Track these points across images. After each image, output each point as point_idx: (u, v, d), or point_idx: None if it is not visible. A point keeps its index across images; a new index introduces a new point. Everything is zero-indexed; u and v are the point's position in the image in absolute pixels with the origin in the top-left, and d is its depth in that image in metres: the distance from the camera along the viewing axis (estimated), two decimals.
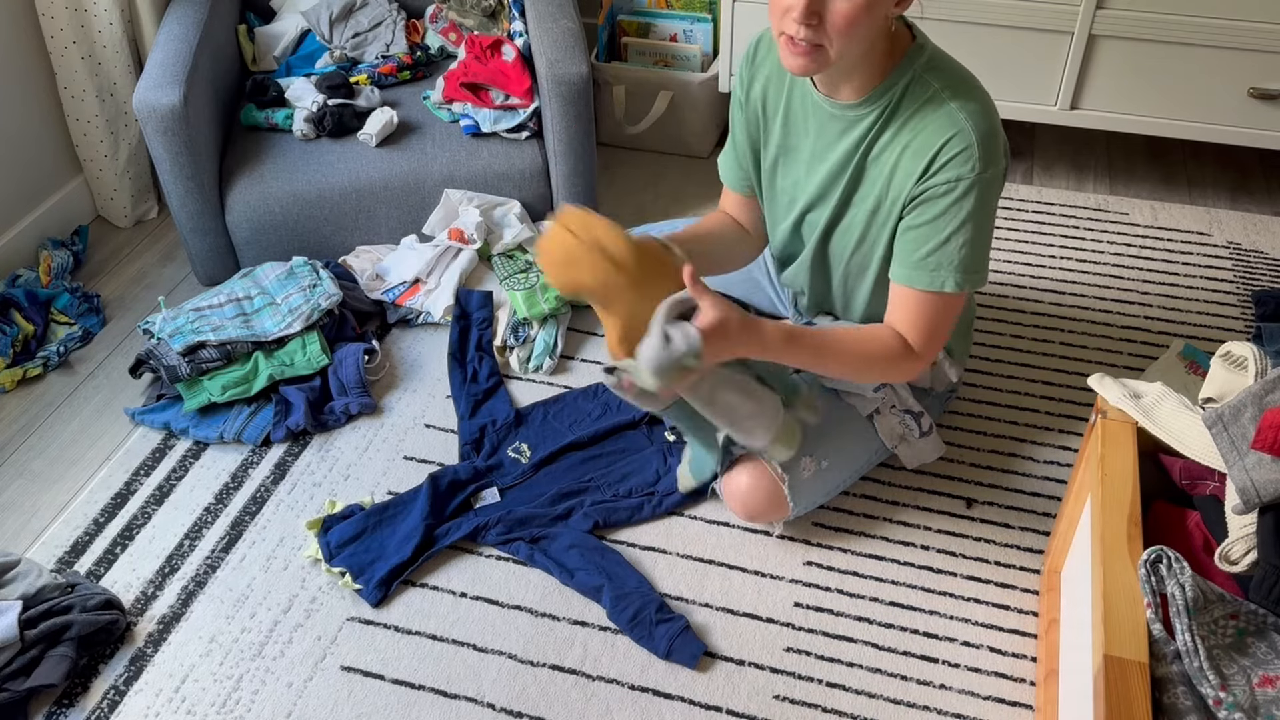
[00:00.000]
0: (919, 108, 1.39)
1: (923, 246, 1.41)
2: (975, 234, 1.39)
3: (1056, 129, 2.67)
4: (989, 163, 1.36)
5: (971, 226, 1.39)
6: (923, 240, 1.41)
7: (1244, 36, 2.15)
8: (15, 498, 1.81)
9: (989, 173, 1.37)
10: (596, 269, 1.31)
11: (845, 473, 1.67)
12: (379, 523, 1.69)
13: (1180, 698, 1.05)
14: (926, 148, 1.38)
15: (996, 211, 1.43)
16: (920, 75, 1.40)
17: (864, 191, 1.48)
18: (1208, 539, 1.27)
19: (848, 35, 1.30)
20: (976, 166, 1.36)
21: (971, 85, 1.40)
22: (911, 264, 1.43)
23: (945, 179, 1.37)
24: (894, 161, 1.42)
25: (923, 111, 1.39)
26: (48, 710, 1.49)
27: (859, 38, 1.32)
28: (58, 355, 2.07)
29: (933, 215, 1.39)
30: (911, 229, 1.42)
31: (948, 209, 1.38)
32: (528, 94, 2.26)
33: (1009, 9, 2.24)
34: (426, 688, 1.50)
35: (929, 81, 1.39)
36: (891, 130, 1.42)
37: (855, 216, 1.51)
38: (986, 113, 1.38)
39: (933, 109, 1.38)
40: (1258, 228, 2.35)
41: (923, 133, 1.38)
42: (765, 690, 1.49)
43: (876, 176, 1.45)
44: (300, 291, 2.03)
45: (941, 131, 1.37)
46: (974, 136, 1.36)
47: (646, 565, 1.65)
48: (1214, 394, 1.30)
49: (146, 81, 2.02)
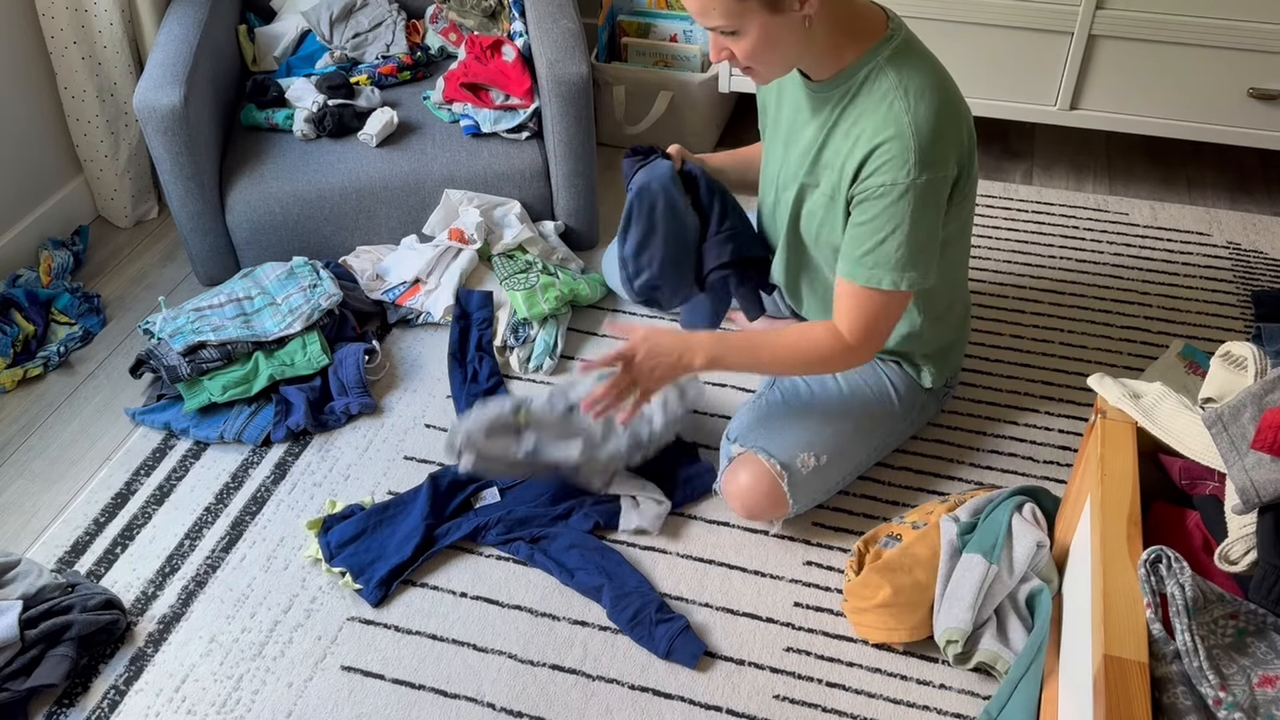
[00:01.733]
0: (872, 101, 1.39)
1: (862, 245, 1.42)
2: (911, 236, 1.39)
3: (1056, 129, 2.68)
4: (925, 167, 1.35)
5: (907, 228, 1.39)
6: (862, 239, 1.42)
7: (1244, 36, 2.15)
8: (15, 498, 1.81)
9: (924, 178, 1.36)
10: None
11: (844, 469, 1.67)
12: (379, 523, 1.69)
13: (1180, 698, 1.05)
14: (866, 145, 1.39)
15: (943, 209, 1.43)
16: (881, 66, 1.39)
17: (823, 175, 1.49)
18: (1207, 539, 1.27)
19: (760, 60, 1.36)
20: (911, 172, 1.35)
21: (931, 85, 1.38)
22: (852, 260, 1.44)
23: (879, 182, 1.38)
24: (847, 150, 1.43)
25: (873, 106, 1.39)
26: (48, 710, 1.49)
27: (776, 59, 1.37)
28: (58, 355, 2.07)
29: (870, 216, 1.40)
30: (854, 226, 1.44)
31: (883, 211, 1.39)
32: (528, 94, 2.26)
33: (1009, 9, 2.24)
34: (426, 688, 1.50)
35: (888, 74, 1.39)
36: (848, 118, 1.43)
37: (817, 199, 1.52)
38: (937, 115, 1.36)
39: (883, 105, 1.38)
40: (1257, 228, 2.35)
41: (868, 129, 1.39)
42: (765, 690, 1.49)
43: (832, 160, 1.46)
44: (300, 291, 2.03)
45: (880, 131, 1.37)
46: (912, 141, 1.35)
47: (646, 565, 1.65)
48: (1214, 394, 1.31)
49: (147, 81, 2.02)
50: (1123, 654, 1.07)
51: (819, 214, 1.52)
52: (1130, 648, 1.08)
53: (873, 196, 1.39)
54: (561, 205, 2.26)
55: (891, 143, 1.36)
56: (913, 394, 1.72)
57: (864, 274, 1.43)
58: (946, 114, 1.38)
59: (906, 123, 1.35)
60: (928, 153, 1.35)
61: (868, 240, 1.41)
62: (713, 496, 1.75)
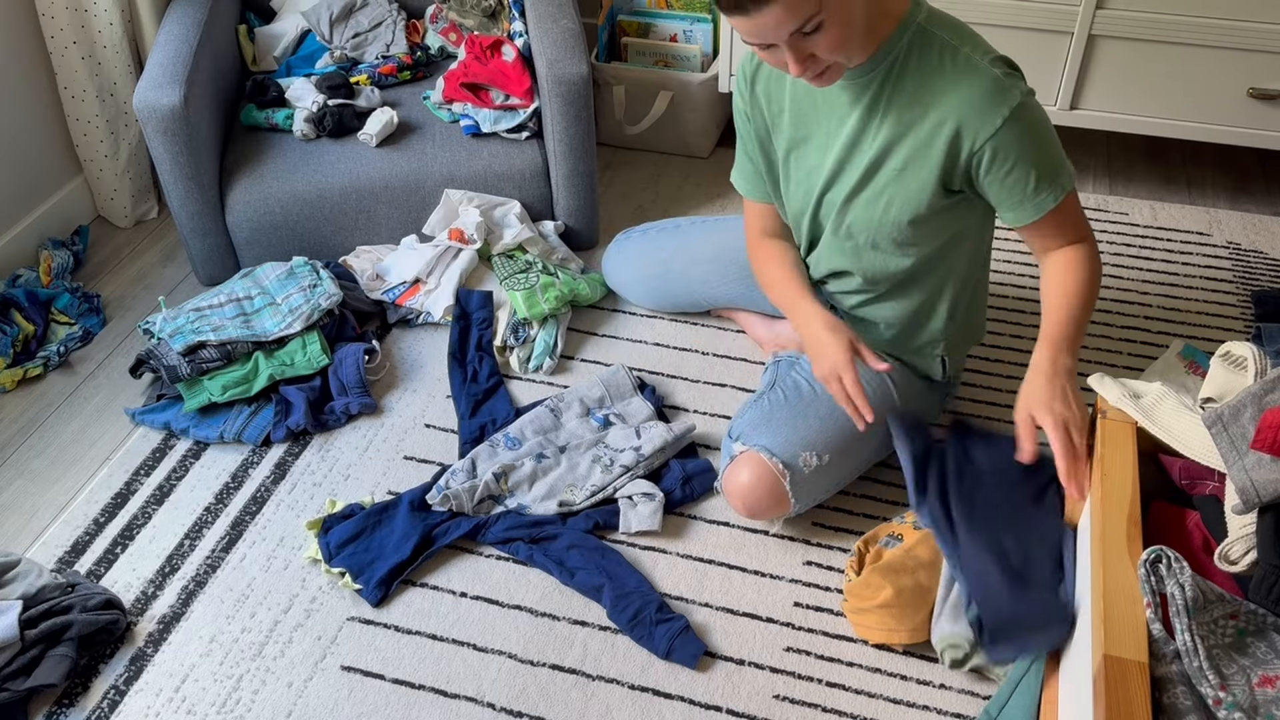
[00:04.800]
0: (928, 64, 1.42)
1: (1025, 183, 1.44)
2: (1050, 140, 1.44)
3: (1056, 129, 2.67)
4: (1015, 83, 1.40)
5: (1045, 137, 1.43)
6: (1024, 178, 1.43)
7: (1244, 36, 2.15)
8: (15, 498, 1.81)
9: (1019, 92, 1.39)
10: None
11: (846, 468, 1.67)
12: (378, 523, 1.69)
13: (1180, 697, 1.06)
14: (952, 103, 1.40)
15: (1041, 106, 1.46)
16: (923, 28, 1.42)
17: (889, 151, 1.48)
18: (1207, 539, 1.27)
19: (847, 45, 1.35)
20: (1010, 95, 1.38)
21: (971, 33, 1.44)
22: (1031, 198, 1.45)
23: (994, 124, 1.39)
24: (918, 116, 1.44)
25: (933, 67, 1.41)
26: (48, 710, 1.49)
27: (855, 39, 1.36)
28: (58, 355, 2.07)
29: (1015, 156, 1.42)
30: (1006, 177, 1.44)
31: (1021, 143, 1.41)
32: (528, 94, 2.26)
33: (1009, 9, 2.24)
34: (426, 688, 1.50)
35: (933, 33, 1.42)
36: (905, 88, 1.44)
37: (879, 181, 1.51)
38: (990, 50, 1.42)
39: (945, 61, 1.41)
40: (1257, 228, 2.35)
41: (941, 90, 1.41)
42: (765, 690, 1.49)
43: (900, 133, 1.46)
44: (300, 291, 2.03)
45: (957, 85, 1.40)
46: (990, 70, 1.39)
47: (646, 565, 1.65)
48: (1214, 394, 1.31)
49: (147, 81, 2.02)
50: (1123, 654, 1.07)
51: (885, 194, 1.52)
52: (1130, 648, 1.08)
53: (1000, 140, 1.40)
54: (561, 205, 2.26)
55: (975, 87, 1.39)
56: (915, 393, 1.72)
57: (1049, 199, 1.45)
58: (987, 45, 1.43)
59: (976, 61, 1.39)
60: (1009, 74, 1.40)
61: (1028, 175, 1.43)
62: (713, 496, 1.75)
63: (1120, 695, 1.04)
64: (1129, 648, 1.08)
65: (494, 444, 1.80)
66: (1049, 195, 1.44)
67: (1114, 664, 1.06)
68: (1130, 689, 1.04)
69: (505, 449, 1.79)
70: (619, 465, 1.74)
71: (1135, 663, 1.06)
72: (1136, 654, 1.07)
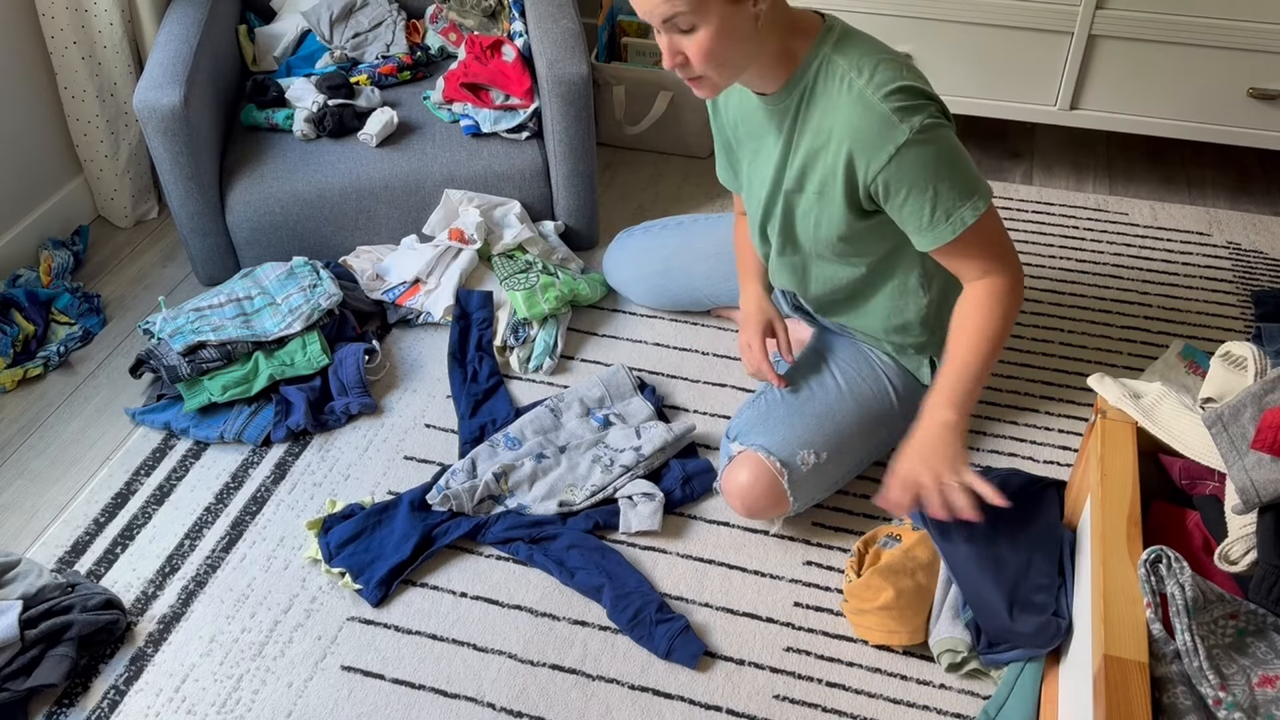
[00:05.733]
0: (830, 90, 1.41)
1: (922, 213, 1.42)
2: (950, 169, 1.40)
3: (1056, 129, 2.67)
4: (909, 114, 1.36)
5: (943, 167, 1.39)
6: (919, 209, 1.42)
7: (1244, 36, 2.15)
8: (15, 498, 1.81)
9: (915, 122, 1.36)
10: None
11: (844, 467, 1.67)
12: (378, 523, 1.69)
13: (1180, 697, 1.06)
14: (847, 134, 1.39)
15: (953, 129, 1.43)
16: (829, 57, 1.41)
17: (806, 176, 1.50)
18: (1207, 539, 1.27)
19: (713, 62, 1.35)
20: (901, 129, 1.36)
21: (881, 57, 1.40)
22: (926, 229, 1.43)
23: (884, 157, 1.37)
24: (821, 145, 1.44)
25: (833, 95, 1.41)
26: (48, 710, 1.49)
27: (730, 60, 1.36)
28: (58, 355, 2.07)
29: (905, 189, 1.40)
30: (901, 208, 1.43)
31: (909, 176, 1.39)
32: (528, 94, 2.26)
33: (1009, 9, 2.24)
34: (426, 687, 1.50)
35: (836, 62, 1.40)
36: (813, 115, 1.44)
37: (806, 201, 1.53)
38: (893, 74, 1.38)
39: (842, 90, 1.39)
40: (1257, 228, 2.35)
41: (839, 118, 1.40)
42: (765, 690, 1.49)
43: (812, 159, 1.47)
44: (300, 291, 2.03)
45: (851, 114, 1.38)
46: (883, 104, 1.36)
47: (646, 565, 1.65)
48: (1214, 394, 1.31)
49: (147, 81, 2.02)
50: (1123, 654, 1.07)
51: (812, 213, 1.53)
52: (1130, 648, 1.08)
53: (894, 172, 1.39)
54: (561, 205, 2.26)
55: (867, 118, 1.37)
56: (912, 392, 1.72)
57: (947, 230, 1.42)
58: (904, 74, 1.39)
59: (869, 93, 1.37)
60: (907, 108, 1.36)
61: (923, 207, 1.41)
62: (713, 496, 1.75)
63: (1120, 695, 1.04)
64: (1129, 648, 1.08)
65: (494, 444, 1.80)
66: (946, 227, 1.42)
67: (1114, 664, 1.06)
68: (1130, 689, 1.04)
69: (505, 449, 1.79)
70: (619, 465, 1.74)
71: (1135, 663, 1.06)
72: (1136, 654, 1.07)
